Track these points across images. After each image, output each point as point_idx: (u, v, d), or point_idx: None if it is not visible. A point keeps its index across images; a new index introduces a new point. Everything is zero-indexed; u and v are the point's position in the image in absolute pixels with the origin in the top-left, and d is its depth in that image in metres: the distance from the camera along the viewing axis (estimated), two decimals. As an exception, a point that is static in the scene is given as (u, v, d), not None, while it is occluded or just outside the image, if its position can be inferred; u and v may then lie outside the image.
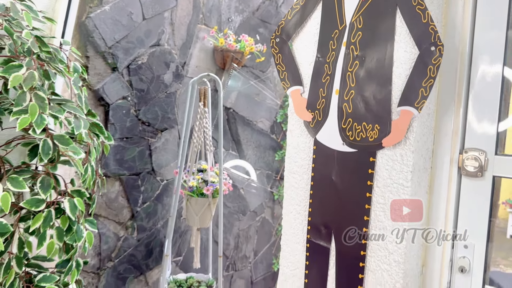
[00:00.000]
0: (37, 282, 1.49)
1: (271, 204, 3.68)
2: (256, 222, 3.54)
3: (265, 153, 3.54)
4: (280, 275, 1.02)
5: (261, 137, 3.49)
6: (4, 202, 1.31)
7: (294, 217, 1.00)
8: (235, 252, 3.34)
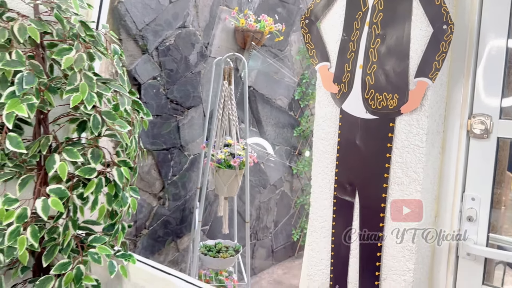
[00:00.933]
0: (89, 242, 1.67)
1: (289, 178, 3.85)
2: (275, 195, 3.72)
3: (284, 130, 3.68)
4: (310, 227, 1.18)
5: (280, 114, 3.63)
6: (62, 171, 1.49)
7: (322, 177, 1.15)
8: (256, 222, 3.53)
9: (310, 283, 1.19)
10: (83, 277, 1.60)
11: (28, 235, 1.46)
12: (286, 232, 3.88)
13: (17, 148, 1.39)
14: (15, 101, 1.39)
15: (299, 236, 3.91)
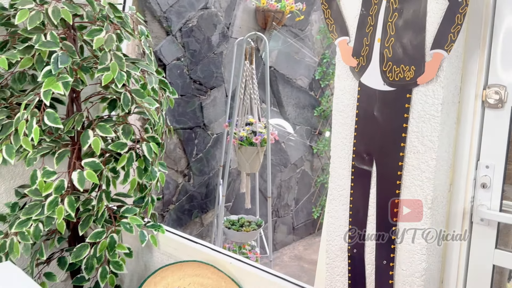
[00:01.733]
0: (122, 213, 1.78)
1: (310, 157, 3.90)
2: (296, 174, 3.79)
3: (304, 109, 3.73)
4: (329, 196, 1.24)
5: (300, 94, 3.67)
6: (95, 145, 1.59)
7: (341, 148, 1.21)
8: (278, 200, 3.61)
9: (329, 248, 1.26)
10: (116, 245, 1.71)
11: (65, 206, 1.58)
12: (307, 210, 3.96)
13: (54, 123, 1.49)
14: (52, 79, 1.48)
15: (319, 214, 3.98)
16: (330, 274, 1.27)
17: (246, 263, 1.61)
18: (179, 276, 1.63)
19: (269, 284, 1.48)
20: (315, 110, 3.79)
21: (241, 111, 2.52)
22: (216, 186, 2.94)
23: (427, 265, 1.09)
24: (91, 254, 1.67)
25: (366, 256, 1.18)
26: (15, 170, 1.98)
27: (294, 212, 3.80)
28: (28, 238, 1.61)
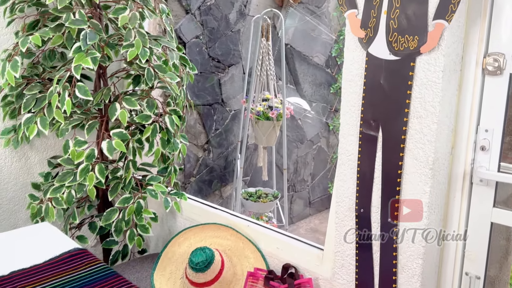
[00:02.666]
0: (147, 181, 1.91)
1: (326, 134, 3.98)
2: (312, 150, 3.87)
3: (321, 87, 3.78)
4: (339, 161, 1.34)
5: (317, 71, 3.72)
6: (122, 117, 1.70)
7: (349, 116, 1.29)
8: (294, 176, 3.72)
9: (339, 209, 1.36)
10: (143, 210, 1.85)
11: (96, 173, 1.71)
12: (323, 185, 4.05)
13: (85, 96, 1.62)
14: (81, 55, 1.60)
15: (335, 190, 4.07)
16: (339, 233, 1.37)
17: (262, 226, 1.72)
18: (201, 237, 1.76)
19: (282, 243, 1.60)
20: (331, 87, 3.84)
21: (257, 87, 2.61)
22: (234, 160, 3.06)
23: (429, 221, 1.17)
24: (119, 218, 1.81)
25: (372, 215, 1.27)
26: (47, 142, 2.13)
27: (310, 187, 3.90)
28: (62, 203, 1.76)
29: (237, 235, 1.72)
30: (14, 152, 2.01)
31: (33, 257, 1.28)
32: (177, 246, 1.77)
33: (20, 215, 2.08)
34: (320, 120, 3.85)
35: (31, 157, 2.08)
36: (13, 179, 2.03)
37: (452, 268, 1.24)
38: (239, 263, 1.66)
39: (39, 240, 1.40)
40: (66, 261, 1.26)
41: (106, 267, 1.23)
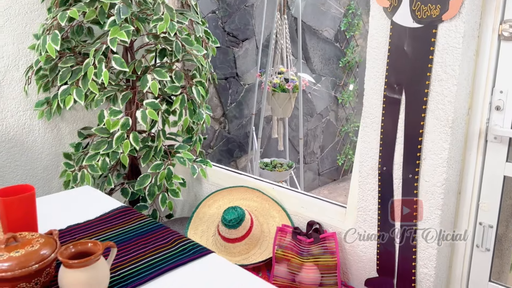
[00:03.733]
0: (176, 149, 2.02)
1: (335, 107, 4.08)
2: (322, 123, 3.98)
3: (330, 61, 3.86)
4: (362, 124, 1.45)
5: (326, 45, 3.80)
6: (154, 88, 1.80)
7: (374, 81, 1.40)
8: (304, 148, 3.83)
9: (362, 168, 1.48)
10: (173, 176, 1.97)
11: (131, 140, 1.83)
12: (332, 158, 4.18)
13: (121, 67, 1.72)
14: (116, 28, 1.69)
15: (343, 161, 4.20)
16: (362, 190, 1.50)
17: (287, 188, 1.85)
18: (229, 199, 1.89)
19: (306, 203, 1.72)
20: (340, 61, 3.92)
21: (273, 61, 2.69)
22: (248, 132, 3.17)
23: (447, 176, 1.30)
24: (152, 183, 1.94)
25: (394, 172, 1.39)
26: (76, 114, 2.24)
27: (319, 159, 4.03)
28: (97, 170, 1.88)
29: (263, 196, 1.84)
30: (47, 124, 2.12)
31: (85, 214, 1.40)
32: (207, 208, 1.90)
33: (54, 183, 2.21)
34: (329, 94, 3.94)
35: (62, 129, 2.19)
36: (47, 149, 2.15)
37: (467, 218, 1.37)
38: (265, 222, 1.79)
39: (86, 200, 1.52)
40: (116, 217, 1.39)
41: (153, 221, 1.36)
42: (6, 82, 1.96)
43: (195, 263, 1.12)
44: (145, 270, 1.08)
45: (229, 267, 1.10)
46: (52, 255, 0.99)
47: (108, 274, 0.98)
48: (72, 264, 0.93)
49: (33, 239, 1.02)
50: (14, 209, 1.11)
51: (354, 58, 3.94)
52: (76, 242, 0.99)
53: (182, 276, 1.05)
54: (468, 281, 1.41)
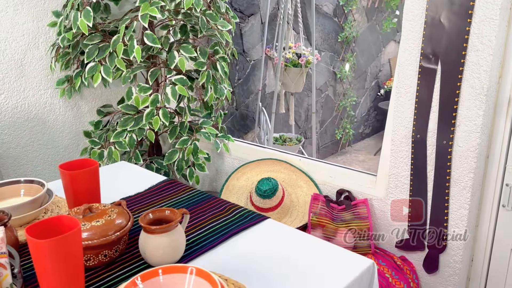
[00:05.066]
0: (200, 124, 2.06)
1: (333, 83, 4.14)
2: (321, 98, 4.05)
3: (329, 36, 3.90)
4: (395, 94, 1.51)
5: (326, 20, 3.83)
6: (181, 64, 1.83)
7: (409, 52, 1.46)
8: (305, 123, 3.90)
9: (394, 136, 1.56)
10: (198, 151, 2.01)
11: (160, 116, 1.85)
12: (330, 132, 4.27)
13: (153, 43, 1.73)
14: (146, 4, 1.69)
15: (341, 135, 4.30)
16: (394, 158, 1.58)
17: (313, 159, 1.92)
18: (257, 172, 1.95)
19: (334, 172, 1.80)
20: (339, 36, 3.97)
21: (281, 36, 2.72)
22: (255, 108, 3.21)
23: (480, 141, 1.38)
24: (179, 158, 1.97)
25: (428, 139, 1.47)
26: (95, 92, 2.24)
27: (319, 134, 4.11)
28: (125, 146, 1.90)
29: (291, 168, 1.91)
30: (67, 102, 2.12)
31: (133, 187, 1.44)
32: (236, 180, 1.95)
33: (75, 161, 2.21)
34: (328, 69, 4.00)
35: (82, 107, 2.19)
36: (68, 128, 2.15)
37: (494, 179, 1.47)
38: (293, 192, 1.86)
39: (127, 174, 1.55)
40: (165, 188, 1.43)
41: (202, 191, 1.41)
42: (27, 61, 1.94)
43: (255, 227, 1.18)
44: (211, 235, 1.13)
45: (287, 229, 1.17)
46: (128, 224, 1.04)
47: (184, 239, 1.03)
48: (154, 230, 0.97)
49: (107, 210, 1.06)
50: (80, 182, 1.15)
51: (351, 33, 3.99)
52: (154, 209, 1.03)
53: (247, 239, 1.12)
54: (494, 239, 1.52)
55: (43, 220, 0.85)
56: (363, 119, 4.64)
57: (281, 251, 1.05)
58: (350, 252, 1.05)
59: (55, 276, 0.80)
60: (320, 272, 0.97)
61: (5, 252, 0.85)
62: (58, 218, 0.87)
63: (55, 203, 1.30)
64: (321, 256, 1.03)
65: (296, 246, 1.08)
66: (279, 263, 1.00)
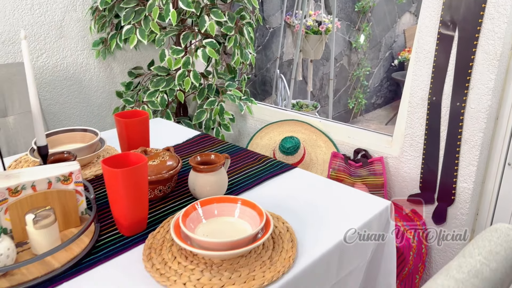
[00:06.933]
0: (226, 86, 2.19)
1: (348, 52, 4.22)
2: (335, 67, 4.13)
3: (346, 5, 3.96)
4: (414, 58, 1.63)
5: (343, -10, 3.87)
6: (211, 28, 1.94)
7: (428, 19, 1.56)
8: (319, 92, 4.01)
9: (412, 99, 1.68)
10: (224, 112, 2.15)
11: (191, 78, 1.98)
12: (343, 102, 4.38)
13: (188, 7, 1.84)
14: (181, -30, 1.79)
15: (354, 105, 4.41)
16: (410, 119, 1.71)
17: (332, 121, 2.05)
18: (279, 132, 2.09)
19: (353, 133, 1.94)
20: (356, 5, 4.02)
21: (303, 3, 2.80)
22: (272, 75, 3.32)
23: (491, 103, 1.51)
24: (207, 117, 2.12)
25: (443, 101, 1.60)
26: (126, 55, 2.36)
27: (332, 102, 4.22)
28: (157, 106, 2.04)
29: (311, 128, 2.04)
30: (101, 63, 2.25)
31: (171, 140, 1.59)
32: (259, 139, 2.10)
33: (107, 119, 2.37)
34: (343, 39, 4.07)
35: (114, 68, 2.32)
36: (101, 88, 2.29)
37: (502, 139, 1.60)
38: (312, 152, 2.01)
39: (166, 129, 1.70)
40: (201, 141, 1.58)
41: (234, 144, 1.55)
42: (66, 23, 2.06)
43: (284, 175, 1.33)
44: (247, 179, 1.29)
45: (313, 177, 1.32)
46: (178, 166, 1.19)
47: (227, 179, 1.19)
48: (203, 169, 1.13)
49: (160, 153, 1.21)
50: (133, 129, 1.29)
51: (368, 3, 4.04)
52: (201, 153, 1.18)
53: (278, 184, 1.27)
54: (498, 195, 1.66)
55: (114, 155, 1.01)
56: (375, 89, 4.73)
57: (308, 194, 1.20)
58: (369, 195, 1.20)
59: (125, 201, 0.96)
60: (343, 211, 1.12)
61: (81, 181, 1.01)
62: (126, 155, 1.03)
63: (105, 150, 1.45)
64: (343, 198, 1.18)
65: (321, 190, 1.23)
66: (306, 203, 1.16)
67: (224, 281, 0.84)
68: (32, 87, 0.99)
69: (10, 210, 0.93)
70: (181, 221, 0.92)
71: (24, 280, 0.84)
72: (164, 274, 0.86)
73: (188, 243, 0.88)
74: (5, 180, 0.93)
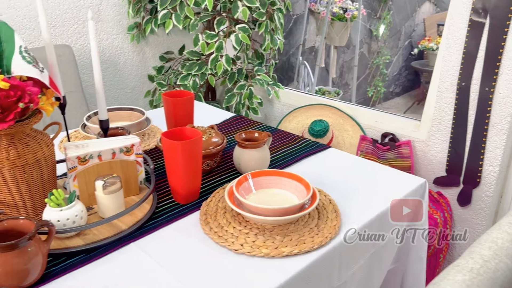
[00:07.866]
0: (255, 71, 2.25)
1: (369, 40, 4.25)
2: (356, 55, 4.15)
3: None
4: (444, 44, 1.67)
5: (365, -22, 3.87)
6: (244, 14, 2.00)
7: (461, 6, 1.60)
8: (339, 79, 4.05)
9: (441, 84, 1.73)
10: (253, 96, 2.22)
11: (223, 62, 2.05)
12: (362, 89, 4.41)
13: (224, -7, 1.90)
14: (218, -43, 1.85)
15: (373, 93, 4.45)
16: (439, 103, 1.76)
17: (359, 105, 2.11)
18: (306, 116, 2.15)
19: (380, 117, 1.99)
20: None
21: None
22: (296, 61, 3.38)
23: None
24: (237, 101, 2.19)
25: (472, 86, 1.65)
26: (158, 39, 2.44)
27: (352, 90, 4.26)
28: (189, 88, 2.12)
29: (338, 113, 2.11)
30: (135, 47, 2.33)
31: (209, 120, 1.67)
32: (288, 123, 2.17)
33: (139, 102, 2.46)
34: (364, 26, 4.09)
35: (147, 52, 2.40)
36: (134, 71, 2.37)
37: (529, 126, 1.65)
38: (340, 135, 2.07)
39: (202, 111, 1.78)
40: (237, 122, 1.65)
41: (269, 125, 1.63)
42: (103, 7, 2.14)
43: (320, 154, 1.40)
44: (286, 157, 1.36)
45: (348, 156, 1.39)
46: (224, 142, 1.27)
47: (269, 155, 1.26)
48: (248, 145, 1.20)
49: (206, 130, 1.29)
50: (180, 108, 1.37)
51: (390, -9, 4.04)
52: (245, 131, 1.26)
53: (315, 162, 1.34)
54: (523, 178, 1.72)
55: (170, 130, 1.09)
56: (394, 78, 4.75)
57: (344, 171, 1.28)
58: (404, 173, 1.27)
59: (183, 171, 1.04)
60: (379, 187, 1.19)
61: (141, 152, 1.10)
62: (181, 129, 1.11)
63: (150, 129, 1.54)
64: (378, 175, 1.25)
65: (356, 168, 1.30)
66: (343, 179, 1.23)
67: (277, 244, 0.92)
68: (96, 65, 1.07)
69: (78, 178, 1.02)
70: (235, 189, 1.00)
71: (96, 240, 0.93)
72: (222, 236, 0.94)
73: (243, 209, 0.96)
74: (74, 150, 1.02)
